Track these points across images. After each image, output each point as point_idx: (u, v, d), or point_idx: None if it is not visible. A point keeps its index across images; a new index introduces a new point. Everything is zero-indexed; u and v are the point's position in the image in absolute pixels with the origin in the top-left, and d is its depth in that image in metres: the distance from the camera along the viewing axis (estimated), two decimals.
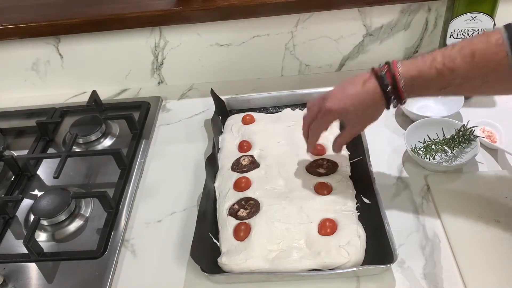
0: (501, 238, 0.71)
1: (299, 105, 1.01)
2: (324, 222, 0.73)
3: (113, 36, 1.07)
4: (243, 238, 0.73)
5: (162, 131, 1.03)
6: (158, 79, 1.17)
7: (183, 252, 0.76)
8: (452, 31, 0.88)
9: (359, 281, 0.69)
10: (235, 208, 0.78)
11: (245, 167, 0.86)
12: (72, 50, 1.11)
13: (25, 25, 1.05)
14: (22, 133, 1.07)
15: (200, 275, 0.70)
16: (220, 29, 1.06)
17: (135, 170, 0.92)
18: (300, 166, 0.84)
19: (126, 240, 0.81)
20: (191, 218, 0.81)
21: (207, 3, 1.01)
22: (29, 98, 1.17)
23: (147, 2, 1.04)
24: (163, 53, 1.11)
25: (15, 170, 0.95)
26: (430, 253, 0.71)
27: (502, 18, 0.85)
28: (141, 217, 0.84)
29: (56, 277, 0.76)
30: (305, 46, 1.09)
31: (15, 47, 1.11)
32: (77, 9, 1.07)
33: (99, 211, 0.84)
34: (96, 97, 1.06)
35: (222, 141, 0.94)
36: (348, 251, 0.68)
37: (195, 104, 1.09)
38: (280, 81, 1.13)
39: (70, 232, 0.83)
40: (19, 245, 0.80)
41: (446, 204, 0.77)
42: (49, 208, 0.83)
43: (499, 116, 0.91)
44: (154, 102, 1.10)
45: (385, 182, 0.83)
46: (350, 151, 0.87)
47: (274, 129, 0.93)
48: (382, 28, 1.05)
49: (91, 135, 1.01)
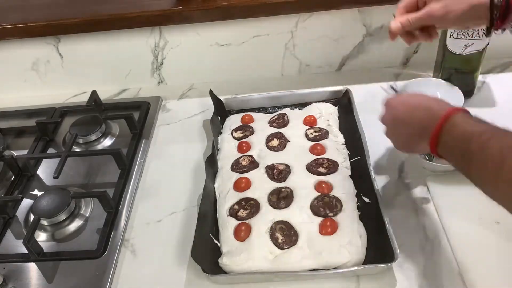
0: (501, 238, 0.71)
1: (299, 105, 1.01)
2: (325, 221, 0.73)
3: (113, 36, 1.07)
4: (244, 239, 0.73)
5: (162, 131, 1.03)
6: (158, 79, 1.17)
7: (183, 252, 0.76)
8: (452, 31, 0.88)
9: (359, 281, 0.69)
10: (235, 208, 0.78)
11: (244, 167, 0.86)
12: (72, 50, 1.11)
13: (25, 25, 1.05)
14: (22, 133, 1.07)
15: (200, 275, 0.70)
16: (220, 29, 1.06)
17: (135, 170, 0.92)
18: (300, 165, 0.84)
19: (126, 240, 0.81)
20: (191, 218, 0.81)
21: (207, 3, 1.01)
22: (29, 98, 1.17)
23: (147, 2, 1.04)
24: (163, 53, 1.11)
25: (15, 170, 0.95)
26: (430, 253, 0.71)
27: None
28: (141, 217, 0.84)
29: (56, 277, 0.76)
30: (305, 46, 1.09)
31: (15, 47, 1.10)
32: (77, 9, 1.07)
33: (99, 211, 0.84)
34: (96, 97, 1.06)
35: (222, 141, 0.94)
36: (349, 251, 0.68)
37: (195, 104, 1.09)
38: (280, 81, 1.13)
39: (70, 232, 0.83)
40: (19, 245, 0.79)
41: (446, 204, 0.77)
42: (49, 208, 0.83)
43: (499, 116, 0.90)
44: (154, 102, 1.10)
45: (385, 181, 0.83)
46: (350, 151, 0.87)
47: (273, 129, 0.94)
48: (382, 28, 1.05)
49: (91, 135, 1.01)
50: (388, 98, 0.72)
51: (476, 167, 0.55)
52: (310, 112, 0.96)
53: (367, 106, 0.96)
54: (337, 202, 0.76)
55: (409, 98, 0.69)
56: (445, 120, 0.59)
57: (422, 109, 0.64)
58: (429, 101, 0.65)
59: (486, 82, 1.01)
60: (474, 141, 0.55)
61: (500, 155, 0.51)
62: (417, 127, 0.63)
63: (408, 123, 0.65)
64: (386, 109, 0.70)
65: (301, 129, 0.92)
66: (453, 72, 0.95)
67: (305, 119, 0.94)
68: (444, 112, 0.60)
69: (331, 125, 0.93)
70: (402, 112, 0.67)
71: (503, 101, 0.97)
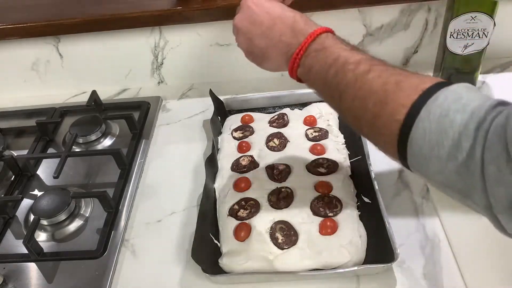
0: (501, 238, 0.70)
1: (299, 105, 1.01)
2: (325, 221, 0.73)
3: (113, 36, 1.07)
4: (244, 239, 0.73)
5: (162, 131, 1.03)
6: (158, 79, 1.17)
7: (183, 252, 0.76)
8: (452, 31, 0.88)
9: (359, 281, 0.69)
10: (235, 208, 0.78)
11: (244, 167, 0.86)
12: (72, 50, 1.11)
13: (25, 25, 1.05)
14: (22, 133, 1.07)
15: (200, 275, 0.70)
16: (220, 29, 1.06)
17: (135, 170, 0.92)
18: (300, 165, 0.84)
19: (126, 240, 0.81)
20: (191, 218, 0.81)
21: (207, 3, 1.00)
22: (29, 98, 1.17)
23: (147, 2, 1.04)
24: (163, 53, 1.11)
25: (15, 170, 0.95)
26: (430, 253, 0.71)
27: (502, 18, 0.86)
28: (141, 217, 0.84)
29: (56, 277, 0.75)
30: None
31: (15, 47, 1.10)
32: (77, 9, 1.07)
33: (99, 211, 0.84)
34: (96, 97, 1.06)
35: (222, 141, 0.94)
36: (349, 251, 0.68)
37: (195, 104, 1.09)
38: (280, 81, 1.13)
39: (70, 232, 0.83)
40: (19, 245, 0.79)
41: (446, 204, 0.77)
42: (49, 208, 0.83)
43: None
44: (154, 102, 1.10)
45: (385, 181, 0.83)
46: (350, 151, 0.87)
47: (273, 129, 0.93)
48: (382, 28, 1.05)
49: (91, 135, 1.01)
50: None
51: (348, 100, 0.52)
52: (310, 112, 0.96)
53: None
54: (337, 202, 0.76)
55: (272, 5, 0.62)
56: (312, 39, 0.56)
57: (286, 21, 0.59)
58: (295, 14, 0.60)
59: (486, 82, 1.01)
60: (348, 70, 0.52)
61: (384, 93, 0.48)
62: (277, 41, 0.59)
63: (266, 34, 0.60)
64: (243, 10, 0.64)
65: (301, 129, 0.92)
66: (453, 72, 0.95)
67: (305, 119, 0.94)
68: (311, 30, 0.56)
69: (331, 125, 0.93)
70: (262, 19, 0.61)
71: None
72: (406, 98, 0.46)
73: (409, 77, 0.49)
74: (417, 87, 0.46)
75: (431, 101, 0.45)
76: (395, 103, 0.47)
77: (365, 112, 0.51)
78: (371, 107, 0.50)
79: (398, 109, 0.47)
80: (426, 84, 0.46)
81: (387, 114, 0.48)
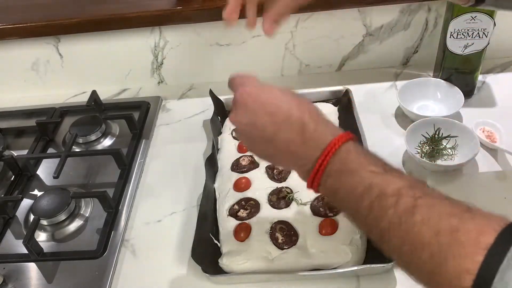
0: None
1: None
2: (325, 221, 0.73)
3: (113, 36, 1.07)
4: (244, 239, 0.73)
5: (162, 131, 1.03)
6: (158, 79, 1.17)
7: (183, 252, 0.76)
8: (452, 31, 0.88)
9: (359, 281, 0.69)
10: (235, 208, 0.78)
11: (244, 167, 0.86)
12: (72, 50, 1.11)
13: (25, 25, 1.05)
14: (22, 133, 1.07)
15: (200, 275, 0.70)
16: (220, 29, 1.06)
17: (135, 170, 0.92)
18: None
19: (126, 240, 0.81)
20: (191, 218, 0.81)
21: (207, 3, 1.00)
22: (29, 98, 1.17)
23: (147, 2, 1.04)
24: (163, 53, 1.11)
25: (15, 170, 0.95)
26: None
27: (502, 18, 0.86)
28: (141, 217, 0.84)
29: (56, 277, 0.76)
30: (305, 46, 1.09)
31: (15, 47, 1.10)
32: (77, 9, 1.07)
33: (99, 211, 0.84)
34: (96, 97, 1.06)
35: (222, 141, 0.94)
36: (349, 251, 0.68)
37: (195, 104, 1.09)
38: (280, 81, 1.13)
39: (70, 232, 0.83)
40: (19, 245, 0.79)
41: None
42: (49, 208, 0.83)
43: (499, 116, 0.91)
44: (154, 102, 1.10)
45: None
46: None
47: None
48: (382, 28, 1.05)
49: (91, 135, 1.01)
50: (236, 82, 0.55)
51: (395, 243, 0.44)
52: None
53: (367, 106, 0.97)
54: None
55: (272, 98, 0.52)
56: (330, 156, 0.46)
57: (293, 127, 0.49)
58: (302, 114, 0.49)
59: (486, 82, 1.01)
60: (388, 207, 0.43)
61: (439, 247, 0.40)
62: (285, 151, 0.49)
63: (271, 141, 0.50)
64: (238, 106, 0.54)
65: None
66: (453, 72, 0.95)
67: None
68: (325, 138, 0.46)
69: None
70: (263, 123, 0.50)
71: (503, 101, 0.96)
72: (470, 260, 0.37)
73: (464, 222, 0.40)
74: (479, 242, 0.38)
75: (504, 269, 0.35)
76: (456, 264, 0.38)
77: (418, 260, 0.42)
78: (427, 259, 0.41)
79: (462, 275, 0.38)
80: (488, 236, 0.38)
81: (448, 278, 0.39)
